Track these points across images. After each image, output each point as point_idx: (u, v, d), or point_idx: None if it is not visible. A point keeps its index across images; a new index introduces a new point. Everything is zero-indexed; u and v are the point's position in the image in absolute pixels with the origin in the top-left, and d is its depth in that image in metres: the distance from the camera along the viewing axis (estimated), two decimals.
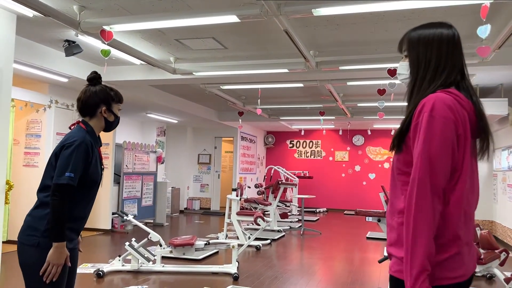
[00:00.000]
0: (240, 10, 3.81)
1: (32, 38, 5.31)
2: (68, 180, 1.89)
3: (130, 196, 8.44)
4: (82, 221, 2.07)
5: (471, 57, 4.92)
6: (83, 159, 1.96)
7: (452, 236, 1.31)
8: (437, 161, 1.28)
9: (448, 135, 1.29)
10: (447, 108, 1.30)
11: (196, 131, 12.67)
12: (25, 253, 1.92)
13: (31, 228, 1.94)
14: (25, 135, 6.72)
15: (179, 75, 6.12)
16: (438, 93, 1.35)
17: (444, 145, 1.28)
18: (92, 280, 4.66)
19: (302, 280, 4.92)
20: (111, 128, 2.18)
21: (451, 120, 1.29)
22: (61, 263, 1.90)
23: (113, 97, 2.13)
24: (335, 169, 13.57)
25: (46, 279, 1.88)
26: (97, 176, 2.06)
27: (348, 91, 7.98)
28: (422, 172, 1.28)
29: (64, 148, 1.95)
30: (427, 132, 1.29)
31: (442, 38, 1.43)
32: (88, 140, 2.00)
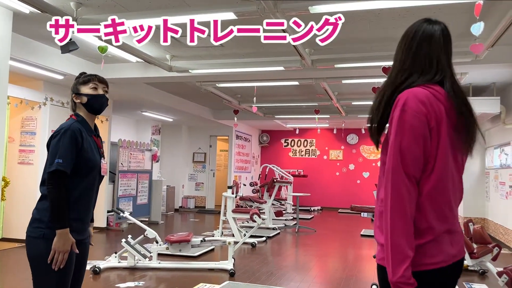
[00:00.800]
0: (237, 7, 3.84)
1: (28, 35, 5.30)
2: (57, 166, 1.92)
3: (125, 194, 8.44)
4: (83, 210, 2.08)
5: (464, 56, 4.99)
6: (72, 145, 1.97)
7: (426, 225, 1.36)
8: (407, 152, 1.34)
9: (418, 127, 1.34)
10: (419, 102, 1.36)
11: (191, 130, 12.68)
12: (32, 245, 1.95)
13: (36, 221, 1.97)
14: (20, 132, 6.69)
15: (175, 73, 6.14)
16: (414, 88, 1.41)
17: (413, 137, 1.34)
18: (88, 276, 4.67)
19: (298, 276, 4.96)
20: (93, 107, 2.15)
21: (422, 113, 1.35)
22: (67, 250, 1.92)
23: (78, 82, 2.16)
24: (329, 168, 13.64)
25: (54, 266, 1.90)
26: (94, 163, 2.07)
27: (343, 90, 8.03)
28: (394, 162, 1.35)
29: (52, 138, 2.01)
30: (398, 125, 1.36)
31: (418, 34, 1.46)
32: (75, 127, 2.02)
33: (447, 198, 1.39)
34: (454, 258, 1.39)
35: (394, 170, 1.35)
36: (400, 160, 1.34)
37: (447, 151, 1.38)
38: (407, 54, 1.48)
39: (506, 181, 7.27)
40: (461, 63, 5.19)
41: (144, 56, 5.55)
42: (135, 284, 4.41)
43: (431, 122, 1.36)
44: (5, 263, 4.95)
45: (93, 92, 2.14)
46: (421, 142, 1.35)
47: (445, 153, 1.37)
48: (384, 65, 5.33)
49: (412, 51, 1.47)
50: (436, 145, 1.36)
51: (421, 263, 1.34)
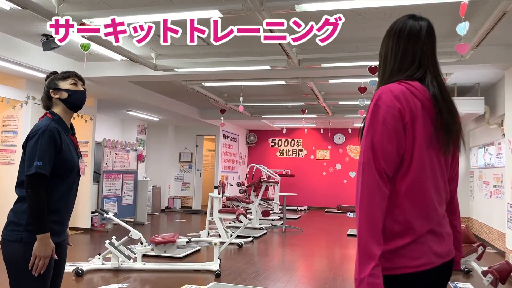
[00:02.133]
0: (223, 5, 3.80)
1: (9, 32, 5.18)
2: (37, 169, 1.85)
3: (110, 195, 8.32)
4: (64, 212, 2.03)
5: (449, 56, 5.02)
6: (51, 146, 1.91)
7: (405, 225, 1.32)
8: (379, 147, 1.31)
9: (390, 122, 1.31)
10: (393, 97, 1.33)
11: (178, 129, 12.58)
12: (9, 249, 1.88)
13: (13, 224, 1.90)
14: (1, 131, 6.54)
15: (161, 72, 6.06)
16: (390, 84, 1.39)
17: (385, 132, 1.31)
18: (71, 279, 4.57)
19: (284, 277, 4.93)
20: (74, 104, 2.09)
21: (395, 108, 1.32)
22: (48, 255, 1.87)
23: (56, 77, 2.10)
24: (316, 168, 13.66)
25: (35, 272, 1.85)
26: (72, 164, 2.02)
27: (330, 89, 8.04)
28: (366, 157, 1.32)
29: (29, 139, 1.93)
30: (371, 120, 1.34)
31: (403, 31, 1.44)
32: (53, 127, 1.96)
33: (428, 197, 1.35)
34: (440, 260, 1.34)
35: (365, 166, 1.31)
36: (372, 156, 1.31)
37: (424, 149, 1.34)
38: (391, 51, 1.45)
39: (490, 181, 7.36)
40: (446, 63, 5.22)
41: (129, 54, 5.46)
42: (119, 286, 4.33)
43: (405, 118, 1.32)
44: None
45: (73, 87, 2.09)
46: (394, 138, 1.31)
47: (421, 151, 1.33)
48: (370, 64, 5.33)
49: (395, 48, 1.44)
50: (412, 142, 1.33)
51: (401, 265, 1.30)
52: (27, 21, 4.73)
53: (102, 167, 8.12)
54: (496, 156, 7.02)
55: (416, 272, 1.30)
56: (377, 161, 1.31)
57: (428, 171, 1.34)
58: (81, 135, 7.84)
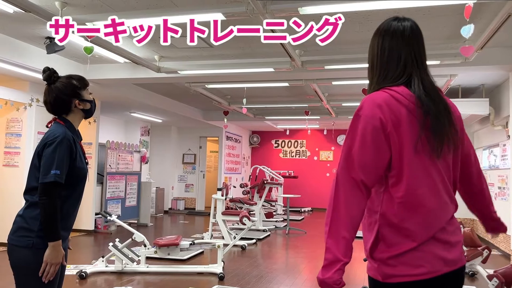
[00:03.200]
0: (226, 8, 3.79)
1: (13, 35, 5.19)
2: (55, 178, 1.84)
3: (114, 196, 8.33)
4: (71, 219, 2.03)
5: (454, 57, 5.00)
6: (68, 155, 1.91)
7: (404, 232, 1.30)
8: (357, 158, 1.30)
9: (370, 132, 1.30)
10: (375, 107, 1.31)
11: (181, 131, 12.58)
12: (18, 255, 1.87)
13: (23, 229, 1.88)
14: (5, 134, 6.56)
15: (164, 74, 6.06)
16: (375, 92, 1.37)
17: (364, 142, 1.30)
18: (74, 281, 4.57)
19: (288, 279, 4.91)
20: (90, 114, 2.12)
21: (376, 119, 1.30)
22: (59, 262, 1.87)
23: (78, 86, 2.06)
24: (320, 169, 13.63)
25: (45, 279, 1.84)
26: (84, 171, 2.01)
27: (333, 91, 8.02)
28: (341, 168, 1.33)
29: (46, 146, 1.90)
30: (350, 130, 1.34)
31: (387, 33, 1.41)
32: (69, 135, 1.95)
33: (425, 203, 1.30)
34: (446, 268, 1.30)
35: (340, 177, 1.32)
36: (348, 166, 1.31)
37: (414, 154, 1.29)
38: (377, 55, 1.43)
39: (495, 182, 7.31)
40: (451, 65, 5.19)
41: (132, 57, 5.47)
42: None
43: (387, 127, 1.29)
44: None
45: (91, 98, 2.11)
46: (373, 149, 1.30)
47: (411, 157, 1.29)
48: None
49: (381, 51, 1.42)
50: (399, 149, 1.29)
51: (402, 273, 1.28)
52: (30, 24, 4.74)
53: (105, 169, 8.13)
54: (501, 157, 6.98)
55: (416, 280, 1.28)
56: (353, 172, 1.30)
57: (421, 176, 1.30)
58: (84, 137, 7.78)
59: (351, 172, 1.30)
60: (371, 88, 1.44)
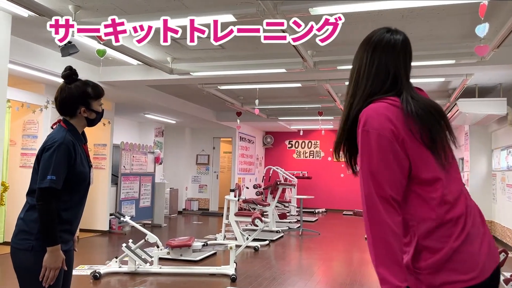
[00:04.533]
0: (237, 9, 3.78)
1: (28, 38, 5.28)
2: (50, 183, 1.85)
3: (128, 197, 8.40)
4: (74, 222, 2.03)
5: (470, 57, 4.90)
6: (65, 160, 1.90)
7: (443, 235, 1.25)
8: (379, 175, 1.24)
9: (385, 146, 1.25)
10: (382, 118, 1.26)
11: (194, 132, 12.63)
12: (19, 257, 1.89)
13: (23, 232, 1.90)
14: (22, 136, 6.68)
15: (176, 75, 6.09)
16: (372, 104, 1.31)
17: (383, 157, 1.24)
18: (88, 282, 4.62)
19: (301, 281, 4.88)
20: (93, 124, 2.11)
21: (386, 129, 1.25)
22: (58, 266, 1.88)
23: (90, 95, 2.03)
24: (334, 170, 13.54)
25: (45, 284, 1.85)
26: (84, 175, 2.01)
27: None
28: (367, 189, 1.25)
29: (45, 151, 1.91)
30: (364, 148, 1.27)
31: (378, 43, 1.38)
32: (68, 139, 1.95)
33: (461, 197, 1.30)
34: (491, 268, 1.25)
35: (368, 198, 1.25)
36: (373, 185, 1.24)
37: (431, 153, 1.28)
38: (364, 65, 1.38)
39: None
40: (467, 64, 5.10)
41: (145, 59, 5.50)
42: None
43: (400, 135, 1.25)
44: (6, 267, 4.93)
45: (100, 109, 2.09)
46: (393, 161, 1.25)
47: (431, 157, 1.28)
48: None
49: (370, 62, 1.37)
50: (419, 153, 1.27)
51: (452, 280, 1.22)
52: (45, 27, 4.78)
53: (120, 169, 8.21)
54: None
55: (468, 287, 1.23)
56: (380, 190, 1.24)
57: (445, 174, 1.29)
58: (99, 139, 7.94)
59: (378, 191, 1.24)
60: (355, 101, 1.37)
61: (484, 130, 8.74)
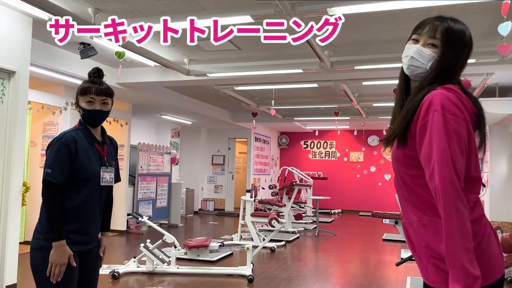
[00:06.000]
0: (254, 11, 3.78)
1: (48, 41, 5.36)
2: (46, 176, 1.88)
3: (145, 197, 8.48)
4: (87, 222, 2.01)
5: (490, 56, 4.81)
6: (63, 155, 1.91)
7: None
8: (457, 162, 1.21)
9: (461, 133, 1.23)
10: (455, 106, 1.25)
11: (210, 132, 12.69)
12: (33, 256, 1.95)
13: (37, 232, 1.96)
14: (42, 137, 6.79)
15: (193, 77, 6.12)
16: (440, 90, 1.28)
17: (460, 144, 1.22)
18: (107, 281, 4.68)
19: (318, 283, 4.86)
20: (89, 122, 2.06)
21: (461, 117, 1.25)
22: (64, 262, 1.88)
23: (78, 91, 2.07)
24: (350, 170, 13.44)
25: (53, 279, 1.88)
26: (90, 174, 1.99)
27: (364, 91, 7.88)
28: (448, 174, 1.19)
29: (47, 148, 1.99)
30: (440, 130, 1.22)
31: (471, 41, 1.42)
32: (69, 136, 1.96)
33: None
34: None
35: (451, 184, 1.18)
36: (454, 171, 1.19)
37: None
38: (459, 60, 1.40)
39: None
40: (487, 63, 5.00)
41: (162, 60, 5.55)
42: None
43: (469, 126, 1.27)
44: (27, 266, 5.01)
45: (88, 106, 2.02)
46: (465, 150, 1.24)
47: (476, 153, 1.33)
48: None
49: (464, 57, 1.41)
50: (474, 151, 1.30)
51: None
52: None
53: (137, 170, 8.29)
54: None
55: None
56: (458, 178, 1.20)
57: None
58: (116, 139, 7.95)
59: (458, 179, 1.20)
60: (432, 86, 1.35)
61: (504, 130, 8.58)
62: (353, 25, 4.46)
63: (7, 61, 4.14)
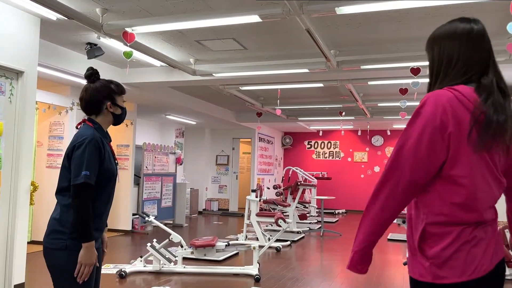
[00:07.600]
0: (262, 10, 3.79)
1: (55, 41, 5.39)
2: (85, 179, 1.88)
3: (150, 197, 8.50)
4: (103, 219, 2.06)
5: (498, 55, 4.79)
6: (96, 156, 1.94)
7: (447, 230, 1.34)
8: (409, 157, 1.28)
9: (429, 132, 1.26)
10: (439, 105, 1.27)
11: (214, 133, 12.70)
12: (53, 257, 1.93)
13: (56, 232, 1.93)
14: (48, 137, 6.82)
15: (199, 77, 6.13)
16: (440, 90, 1.33)
17: (420, 141, 1.27)
18: (114, 280, 4.69)
19: (324, 283, 4.86)
20: (119, 120, 2.15)
21: (437, 117, 1.26)
22: (93, 263, 1.91)
23: (115, 91, 2.10)
24: (354, 170, 13.43)
25: (79, 279, 1.89)
26: (112, 172, 2.04)
27: (369, 91, 7.88)
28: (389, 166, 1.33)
29: (75, 149, 1.94)
30: (408, 127, 1.32)
31: (455, 34, 1.38)
32: (97, 136, 1.99)
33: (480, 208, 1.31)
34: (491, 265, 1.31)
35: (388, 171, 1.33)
36: (396, 165, 1.31)
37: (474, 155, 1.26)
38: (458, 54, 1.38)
39: None
40: None
41: (168, 60, 5.56)
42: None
43: (448, 127, 1.25)
44: (34, 265, 5.03)
45: (124, 105, 2.16)
46: (427, 148, 1.27)
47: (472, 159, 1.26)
48: (413, 65, 5.18)
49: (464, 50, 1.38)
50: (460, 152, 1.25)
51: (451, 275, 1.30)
52: (72, 30, 4.90)
53: (142, 170, 8.31)
54: None
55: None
56: (402, 171, 1.30)
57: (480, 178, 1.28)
58: (122, 139, 8.06)
59: (399, 171, 1.30)
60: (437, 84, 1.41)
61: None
62: (360, 24, 4.46)
63: (15, 61, 4.16)
